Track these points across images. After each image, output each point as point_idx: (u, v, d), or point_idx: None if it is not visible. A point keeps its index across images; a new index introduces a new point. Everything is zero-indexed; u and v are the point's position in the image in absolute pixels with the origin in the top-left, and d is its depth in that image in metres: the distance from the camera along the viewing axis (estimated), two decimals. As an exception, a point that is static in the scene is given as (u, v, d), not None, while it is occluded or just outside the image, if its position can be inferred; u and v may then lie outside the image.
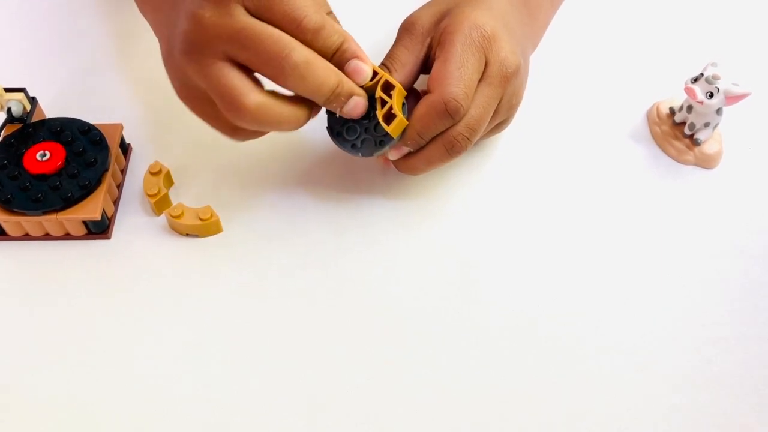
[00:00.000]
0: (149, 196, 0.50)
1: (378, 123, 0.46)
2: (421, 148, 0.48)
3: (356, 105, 0.45)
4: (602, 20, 0.64)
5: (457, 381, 0.44)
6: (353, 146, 0.47)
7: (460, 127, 0.46)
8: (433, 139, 0.47)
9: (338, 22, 0.45)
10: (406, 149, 0.47)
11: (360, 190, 0.53)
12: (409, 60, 0.48)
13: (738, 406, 0.44)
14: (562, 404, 0.44)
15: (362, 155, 0.47)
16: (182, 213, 0.49)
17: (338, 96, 0.44)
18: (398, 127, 0.45)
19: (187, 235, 0.50)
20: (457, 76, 0.45)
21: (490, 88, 0.47)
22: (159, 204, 0.50)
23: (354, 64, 0.44)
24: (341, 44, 0.43)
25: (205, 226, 0.49)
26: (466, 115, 0.46)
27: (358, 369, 0.45)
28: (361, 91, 0.45)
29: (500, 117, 0.50)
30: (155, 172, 0.51)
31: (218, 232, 0.50)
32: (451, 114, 0.45)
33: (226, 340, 0.46)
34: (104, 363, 0.45)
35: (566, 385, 0.44)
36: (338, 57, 0.44)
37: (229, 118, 0.43)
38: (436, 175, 0.53)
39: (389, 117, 0.46)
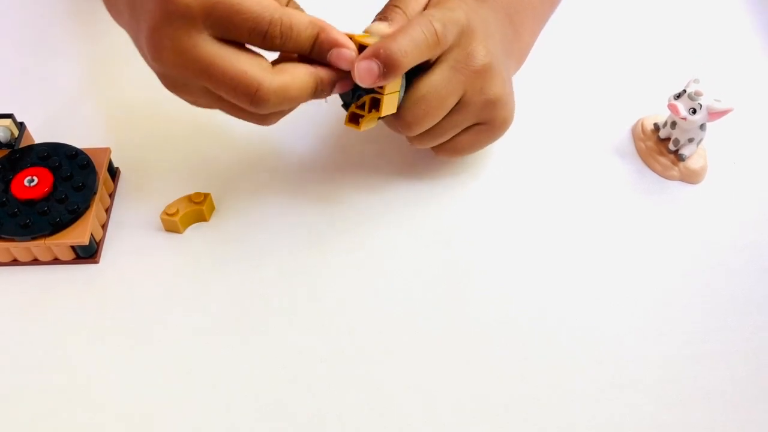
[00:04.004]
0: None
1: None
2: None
3: (341, 56, 0.42)
4: (586, 38, 0.65)
5: (445, 379, 0.45)
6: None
7: (417, 106, 0.45)
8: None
9: (299, 7, 0.44)
10: (375, 68, 0.42)
11: (354, 189, 0.53)
12: (420, 5, 0.47)
13: (723, 422, 0.44)
14: (545, 421, 0.44)
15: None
16: (177, 210, 0.50)
17: (322, 92, 0.43)
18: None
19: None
20: (448, 16, 0.44)
21: (450, 72, 0.45)
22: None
23: (336, 54, 0.42)
24: (316, 37, 0.42)
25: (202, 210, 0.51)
26: (426, 82, 0.45)
27: (355, 370, 0.45)
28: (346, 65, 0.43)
29: (474, 113, 0.48)
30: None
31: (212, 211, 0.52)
32: (438, 36, 0.43)
33: (216, 364, 0.46)
34: (93, 388, 0.45)
35: (549, 402, 0.44)
36: (316, 51, 0.42)
37: (250, 110, 0.42)
38: (428, 188, 0.54)
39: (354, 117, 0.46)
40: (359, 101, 0.46)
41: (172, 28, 0.39)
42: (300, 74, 0.42)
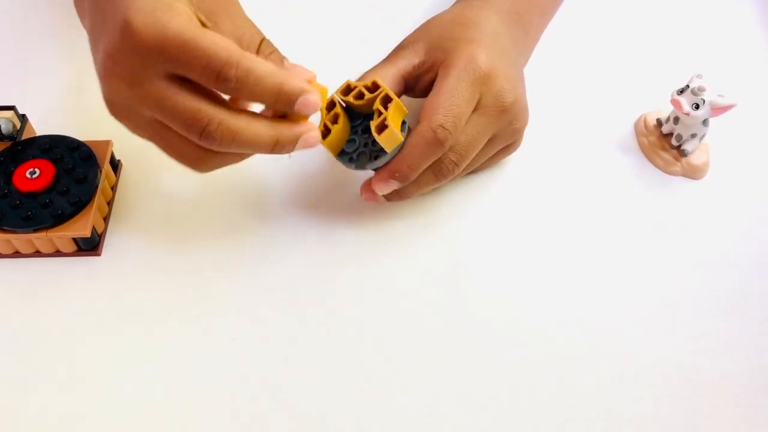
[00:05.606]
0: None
1: (375, 139, 0.46)
2: None
3: (307, 141, 0.43)
4: (589, 33, 0.65)
5: (446, 379, 0.45)
6: (350, 159, 0.47)
7: (449, 152, 0.47)
8: None
9: (272, 46, 0.43)
10: (394, 184, 0.47)
11: (350, 205, 0.53)
12: (389, 73, 0.49)
13: (725, 415, 0.44)
14: (550, 415, 0.44)
15: (356, 168, 0.47)
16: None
17: (282, 148, 0.43)
18: (389, 139, 0.45)
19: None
20: (446, 106, 0.46)
21: (483, 118, 0.48)
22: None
23: (302, 103, 0.41)
24: (279, 89, 0.40)
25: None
26: (456, 142, 0.47)
27: (356, 370, 0.45)
28: (303, 129, 0.43)
29: (502, 142, 0.51)
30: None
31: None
32: (440, 141, 0.46)
33: (218, 359, 0.46)
34: (94, 380, 0.45)
35: (553, 396, 0.44)
36: (281, 103, 0.41)
37: (199, 143, 0.41)
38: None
39: (382, 128, 0.45)
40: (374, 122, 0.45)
41: (128, 60, 0.39)
42: (257, 125, 0.41)
